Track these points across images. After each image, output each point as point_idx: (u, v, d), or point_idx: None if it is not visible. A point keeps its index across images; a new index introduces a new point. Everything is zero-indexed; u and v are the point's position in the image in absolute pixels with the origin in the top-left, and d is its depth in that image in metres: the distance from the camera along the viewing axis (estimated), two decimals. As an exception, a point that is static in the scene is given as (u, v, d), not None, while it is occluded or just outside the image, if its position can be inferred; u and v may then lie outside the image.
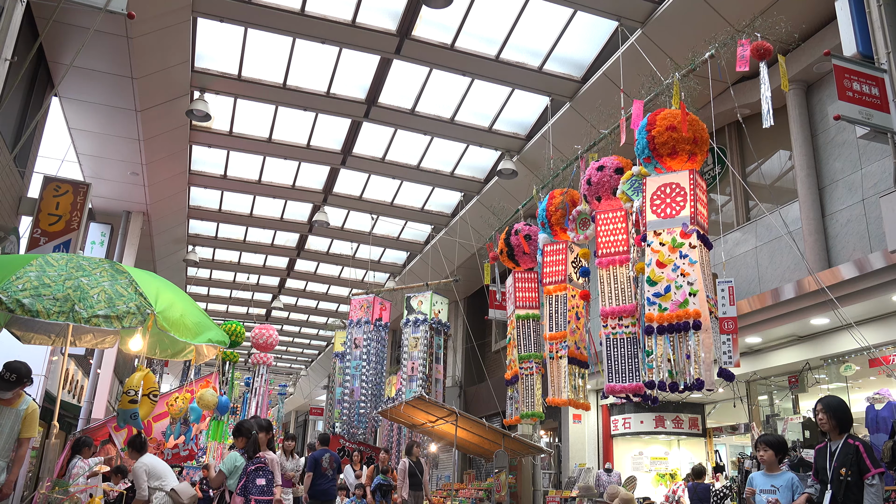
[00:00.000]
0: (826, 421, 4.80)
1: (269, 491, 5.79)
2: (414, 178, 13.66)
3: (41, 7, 7.76)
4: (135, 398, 5.03)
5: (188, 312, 5.13)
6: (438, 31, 9.78)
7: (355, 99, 11.28)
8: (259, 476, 5.72)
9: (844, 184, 8.72)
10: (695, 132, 5.97)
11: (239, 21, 9.46)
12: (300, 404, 37.01)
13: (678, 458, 13.75)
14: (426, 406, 9.77)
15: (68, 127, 10.98)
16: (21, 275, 4.42)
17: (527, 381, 8.40)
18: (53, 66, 9.45)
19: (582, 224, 7.43)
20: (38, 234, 9.67)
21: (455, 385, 18.54)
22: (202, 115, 10.72)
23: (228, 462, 6.01)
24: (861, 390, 9.13)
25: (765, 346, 10.15)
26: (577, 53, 10.15)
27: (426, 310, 12.01)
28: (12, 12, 5.94)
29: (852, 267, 7.63)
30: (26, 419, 4.90)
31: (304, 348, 29.80)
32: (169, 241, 16.24)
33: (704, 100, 7.01)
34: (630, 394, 6.30)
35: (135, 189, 12.95)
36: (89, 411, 12.63)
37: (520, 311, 8.73)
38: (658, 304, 5.78)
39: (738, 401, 11.12)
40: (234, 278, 20.80)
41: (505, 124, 11.90)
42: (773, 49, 5.92)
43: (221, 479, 5.95)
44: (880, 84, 6.30)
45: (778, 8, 7.93)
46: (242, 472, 5.80)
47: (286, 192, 14.60)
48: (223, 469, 5.98)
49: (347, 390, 12.32)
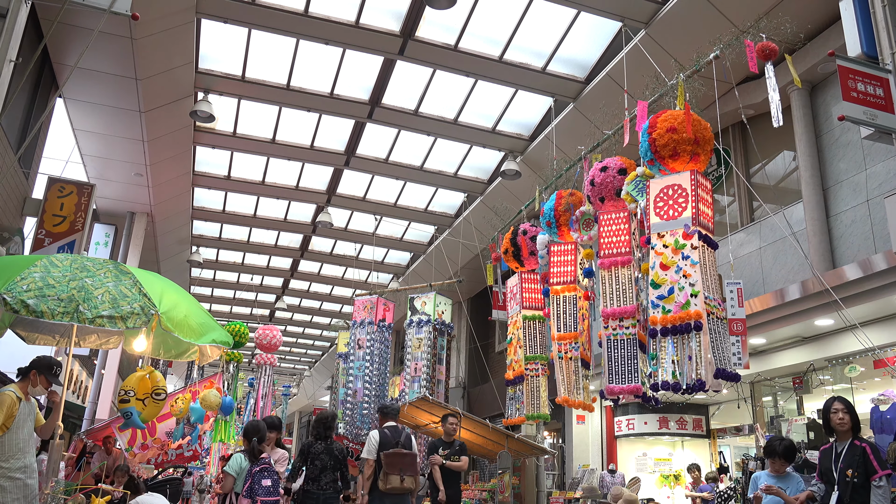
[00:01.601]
0: (847, 421, 4.76)
1: (276, 491, 5.78)
2: (417, 178, 13.66)
3: (46, 9, 7.79)
4: (125, 398, 5.04)
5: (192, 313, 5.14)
6: (442, 32, 9.78)
7: (359, 100, 11.29)
8: (265, 477, 5.71)
9: (849, 184, 8.70)
10: (697, 132, 5.95)
11: (243, 22, 9.48)
12: (304, 405, 37.06)
13: (682, 460, 13.72)
14: (429, 407, 9.76)
15: (72, 128, 11.01)
16: (26, 276, 4.43)
17: (533, 383, 8.39)
18: (58, 67, 9.48)
19: (585, 225, 7.43)
20: (42, 235, 9.70)
21: (458, 386, 18.53)
22: (206, 116, 10.74)
23: (234, 465, 5.98)
24: (866, 391, 9.10)
25: (769, 346, 10.12)
26: (581, 54, 10.14)
27: (429, 311, 11.99)
28: (17, 14, 5.96)
29: (857, 268, 7.61)
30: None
31: (307, 349, 29.82)
32: (173, 242, 16.27)
33: (709, 100, 7.00)
34: (628, 395, 6.29)
35: (139, 190, 12.98)
36: (93, 412, 12.67)
37: (526, 312, 8.73)
38: (662, 307, 5.77)
39: (742, 402, 11.10)
40: (238, 279, 20.83)
41: (508, 125, 11.89)
42: (778, 49, 5.91)
43: (230, 482, 5.91)
44: (885, 84, 6.29)
45: (782, 8, 7.92)
46: (247, 474, 5.78)
47: (290, 193, 14.62)
48: (230, 472, 5.94)
49: (351, 391, 12.31)
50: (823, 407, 5.00)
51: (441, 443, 7.70)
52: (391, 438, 6.48)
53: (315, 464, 6.36)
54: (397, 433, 6.59)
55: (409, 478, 6.34)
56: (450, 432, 7.70)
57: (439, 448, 7.58)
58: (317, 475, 6.34)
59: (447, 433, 7.71)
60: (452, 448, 7.59)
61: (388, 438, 6.47)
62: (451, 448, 7.58)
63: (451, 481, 7.42)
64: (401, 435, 6.58)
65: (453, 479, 7.52)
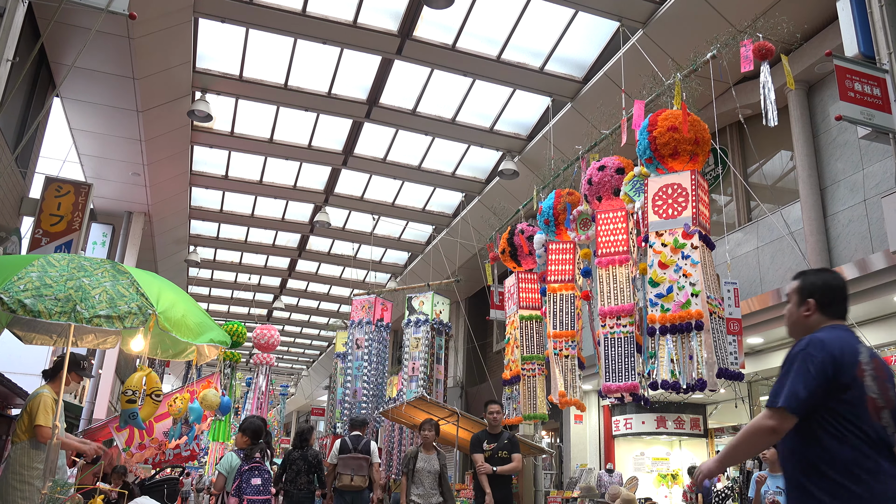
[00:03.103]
0: None
1: (266, 490, 5.78)
2: (415, 178, 13.66)
3: (43, 8, 7.77)
4: (132, 398, 5.02)
5: (190, 313, 5.12)
6: (440, 32, 9.78)
7: (356, 99, 11.29)
8: (254, 475, 5.71)
9: (846, 184, 8.71)
10: (696, 133, 5.96)
11: (240, 21, 9.47)
12: (302, 405, 37.03)
13: (680, 459, 13.74)
14: (427, 406, 9.76)
15: (70, 127, 10.99)
16: (23, 275, 4.42)
17: (529, 383, 8.40)
18: (55, 66, 9.46)
19: (583, 224, 7.44)
20: (39, 234, 9.68)
21: (456, 385, 18.54)
22: (203, 115, 10.73)
23: (225, 463, 6.01)
24: (863, 391, 9.11)
25: (766, 346, 10.14)
26: (579, 54, 10.14)
27: (427, 310, 11.99)
28: (14, 13, 5.95)
29: (854, 267, 7.63)
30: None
31: (305, 349, 29.80)
32: (170, 242, 16.25)
33: (706, 100, 7.02)
34: (625, 393, 6.30)
35: (136, 189, 12.96)
36: (91, 412, 12.65)
37: (523, 312, 8.73)
38: (661, 305, 5.78)
39: (739, 401, 11.12)
40: (236, 279, 20.81)
41: (506, 125, 11.90)
42: (775, 49, 5.92)
43: (222, 481, 5.95)
44: (882, 84, 6.30)
45: (779, 8, 7.93)
46: (237, 473, 5.79)
47: (287, 193, 14.61)
48: (221, 471, 5.97)
49: (349, 391, 12.31)
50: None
51: (486, 436, 6.66)
52: (350, 445, 7.57)
53: (293, 468, 7.55)
54: (357, 441, 7.63)
55: (359, 477, 7.42)
56: (494, 423, 6.69)
57: (483, 442, 6.56)
58: (293, 478, 7.51)
59: (491, 424, 6.71)
60: (500, 442, 6.53)
61: (347, 445, 7.58)
62: (499, 442, 6.52)
63: (499, 482, 6.49)
64: (360, 442, 7.61)
65: (503, 479, 6.57)
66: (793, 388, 2.35)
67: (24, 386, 8.56)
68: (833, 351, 2.38)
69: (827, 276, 2.67)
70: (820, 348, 2.39)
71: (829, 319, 2.59)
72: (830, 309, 2.60)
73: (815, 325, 2.58)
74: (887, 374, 2.46)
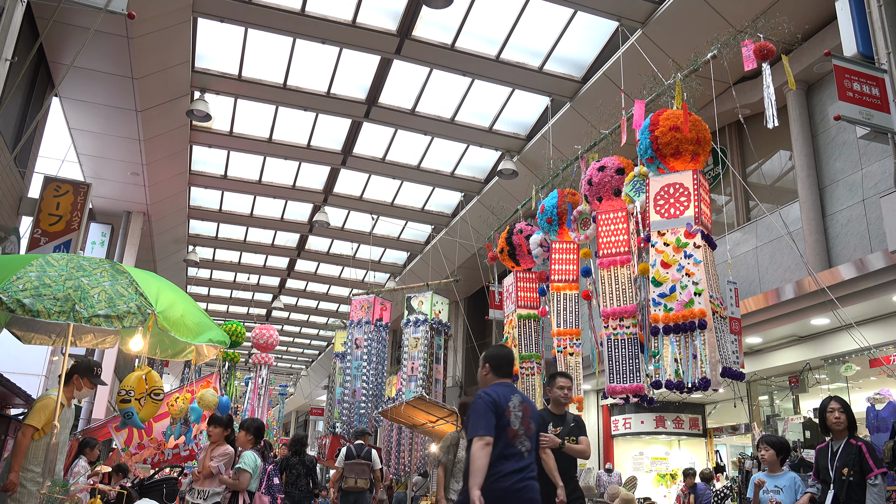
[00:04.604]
0: (843, 420, 4.80)
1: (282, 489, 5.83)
2: (414, 178, 13.66)
3: (41, 7, 7.76)
4: (126, 398, 5.03)
5: (189, 312, 5.11)
6: (439, 32, 9.78)
7: (355, 99, 11.28)
8: (276, 474, 5.78)
9: (845, 184, 8.72)
10: (697, 133, 5.97)
11: (239, 21, 9.46)
12: (301, 404, 37.01)
13: (679, 459, 13.75)
14: (426, 406, 9.76)
15: (69, 127, 10.97)
16: (21, 275, 4.41)
17: (527, 382, 8.40)
18: (54, 66, 9.45)
19: (583, 224, 7.44)
20: (38, 234, 9.66)
21: (455, 385, 18.54)
22: (202, 115, 10.72)
23: (250, 461, 5.86)
24: (861, 391, 9.13)
25: (765, 346, 10.15)
26: (578, 53, 10.14)
27: (426, 310, 11.98)
28: (13, 12, 5.94)
29: (852, 267, 7.63)
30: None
31: (304, 348, 29.79)
32: (169, 242, 16.24)
33: (705, 100, 7.01)
34: (630, 394, 6.30)
35: (135, 189, 12.95)
36: (90, 411, 12.63)
37: (521, 311, 8.73)
38: (663, 305, 5.78)
39: (738, 401, 11.12)
40: (235, 278, 20.80)
41: (505, 124, 11.89)
42: (775, 49, 5.92)
43: (247, 478, 5.80)
44: (881, 84, 6.31)
45: (778, 8, 7.93)
46: (262, 472, 5.79)
47: (286, 193, 14.60)
48: (247, 469, 5.80)
49: (348, 390, 12.30)
50: (820, 406, 5.02)
51: (550, 416, 5.24)
52: (355, 453, 8.80)
53: (292, 472, 8.66)
54: (360, 449, 8.88)
55: (362, 480, 8.65)
56: (560, 400, 5.27)
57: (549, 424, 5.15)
58: (294, 480, 8.61)
59: (556, 402, 5.28)
60: (566, 424, 5.22)
61: (352, 453, 8.80)
62: (564, 424, 5.21)
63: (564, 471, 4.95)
64: (363, 450, 8.86)
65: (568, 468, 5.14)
66: (485, 421, 3.61)
67: (24, 386, 8.55)
68: (495, 398, 3.69)
69: (499, 350, 4.06)
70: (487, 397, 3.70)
71: (497, 378, 3.89)
72: (500, 371, 3.91)
73: (489, 382, 3.87)
74: (531, 412, 3.82)
